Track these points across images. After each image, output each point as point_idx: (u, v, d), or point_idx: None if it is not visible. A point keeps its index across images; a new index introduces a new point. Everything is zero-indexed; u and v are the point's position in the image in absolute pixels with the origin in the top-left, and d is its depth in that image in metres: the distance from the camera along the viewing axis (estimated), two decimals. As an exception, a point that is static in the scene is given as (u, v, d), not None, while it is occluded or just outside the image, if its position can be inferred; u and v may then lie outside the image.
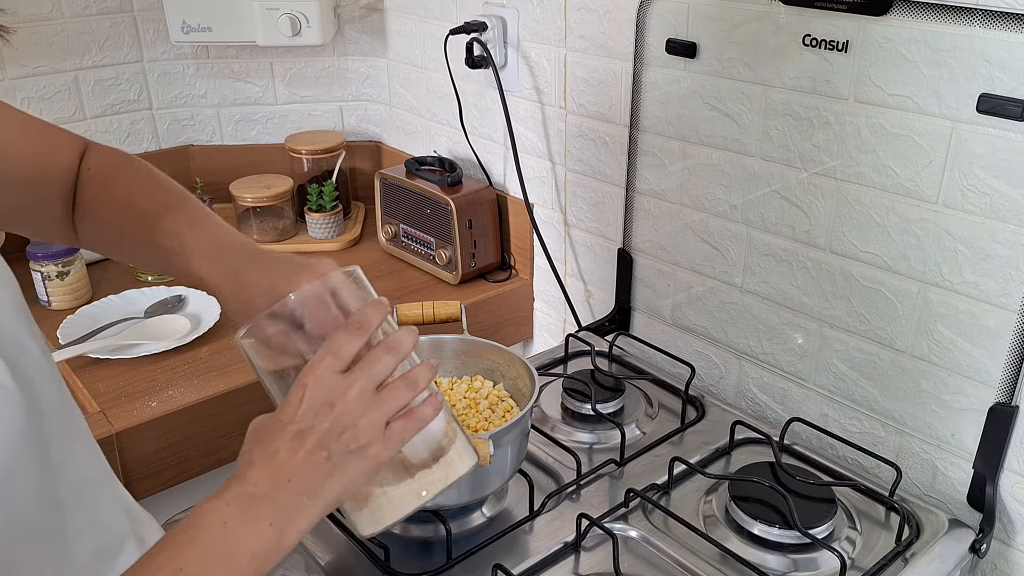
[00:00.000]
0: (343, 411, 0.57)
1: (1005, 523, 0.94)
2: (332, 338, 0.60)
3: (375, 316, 0.62)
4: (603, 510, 0.93)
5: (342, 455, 0.57)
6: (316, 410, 0.57)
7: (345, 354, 0.59)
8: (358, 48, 1.75)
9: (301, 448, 0.57)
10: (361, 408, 0.58)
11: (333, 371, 0.59)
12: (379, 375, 0.60)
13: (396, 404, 0.60)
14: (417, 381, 0.61)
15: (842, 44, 0.94)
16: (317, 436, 0.57)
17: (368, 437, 0.58)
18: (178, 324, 1.34)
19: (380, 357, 0.60)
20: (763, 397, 1.16)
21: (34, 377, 0.60)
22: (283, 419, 0.58)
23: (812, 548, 0.87)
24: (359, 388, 0.58)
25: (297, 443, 0.57)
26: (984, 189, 0.86)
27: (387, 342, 0.61)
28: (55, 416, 0.63)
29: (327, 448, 0.57)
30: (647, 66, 1.16)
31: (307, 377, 0.58)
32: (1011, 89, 0.82)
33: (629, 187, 1.25)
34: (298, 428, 0.57)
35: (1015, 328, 0.87)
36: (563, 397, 1.12)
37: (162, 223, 0.75)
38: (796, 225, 1.05)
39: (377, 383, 0.59)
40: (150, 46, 1.68)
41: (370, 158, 1.84)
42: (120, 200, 0.79)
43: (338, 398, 0.58)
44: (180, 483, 1.18)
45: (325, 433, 0.57)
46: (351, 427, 0.57)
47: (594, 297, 1.40)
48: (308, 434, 0.57)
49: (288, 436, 0.57)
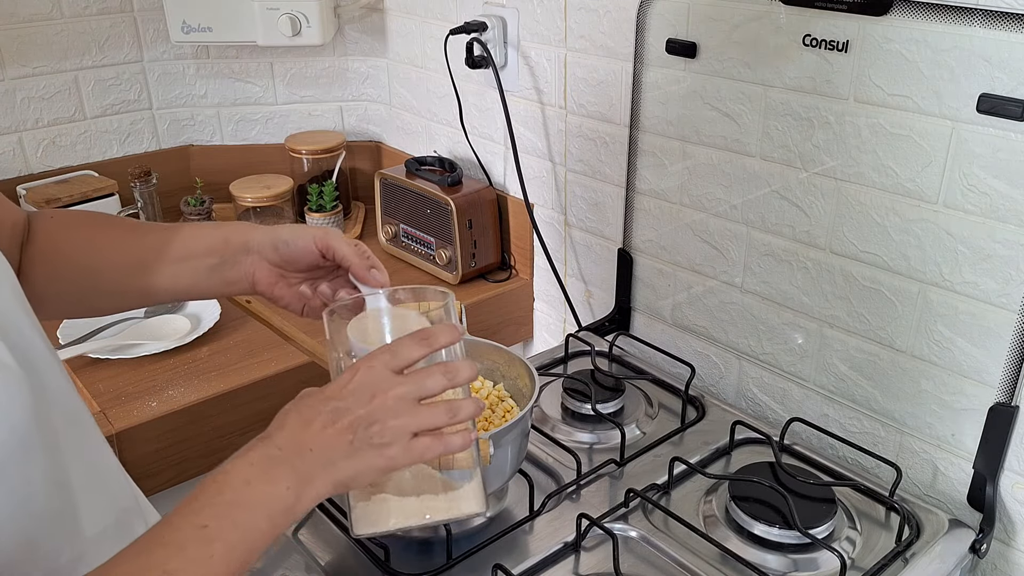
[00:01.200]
0: (380, 405, 0.60)
1: (1005, 523, 0.94)
2: (399, 340, 0.64)
3: (444, 337, 0.65)
4: (603, 510, 0.93)
5: (364, 444, 0.60)
6: (358, 395, 0.61)
7: (404, 356, 0.63)
8: (358, 48, 1.75)
9: (332, 425, 0.60)
10: (397, 410, 0.61)
11: (387, 367, 0.62)
12: (427, 389, 0.62)
13: (430, 421, 0.62)
14: (459, 411, 0.63)
15: (842, 44, 0.94)
16: (350, 419, 0.60)
17: (392, 438, 0.61)
18: (178, 324, 1.34)
19: (434, 374, 0.63)
20: (763, 397, 1.16)
21: (39, 364, 0.61)
22: (328, 393, 0.61)
23: (812, 548, 0.87)
24: (403, 391, 0.61)
25: (330, 418, 0.60)
26: (984, 189, 0.86)
27: (447, 365, 0.64)
28: (61, 404, 0.64)
29: (353, 432, 0.60)
30: (647, 66, 1.16)
31: (363, 363, 0.62)
32: (1011, 89, 0.82)
33: (629, 187, 1.25)
34: (336, 406, 0.60)
35: (1015, 328, 0.87)
36: (563, 397, 1.12)
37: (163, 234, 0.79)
38: (796, 225, 1.05)
39: (422, 396, 0.62)
40: (150, 46, 1.68)
41: (370, 158, 1.84)
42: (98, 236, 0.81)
43: (381, 392, 0.61)
44: (180, 483, 1.18)
45: (358, 419, 0.60)
46: (380, 422, 0.60)
47: (594, 297, 1.40)
48: (343, 413, 0.60)
49: (327, 410, 0.60)
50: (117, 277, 0.80)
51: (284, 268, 0.78)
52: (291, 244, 0.76)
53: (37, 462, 0.58)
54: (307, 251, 0.76)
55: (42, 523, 0.59)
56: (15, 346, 0.57)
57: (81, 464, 0.64)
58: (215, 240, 0.78)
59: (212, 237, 0.79)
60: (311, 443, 0.59)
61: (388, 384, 0.61)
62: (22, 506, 0.57)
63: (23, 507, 0.57)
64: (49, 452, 0.59)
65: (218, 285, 0.80)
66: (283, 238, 0.76)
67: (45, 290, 0.78)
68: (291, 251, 0.76)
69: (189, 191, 1.71)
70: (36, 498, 0.58)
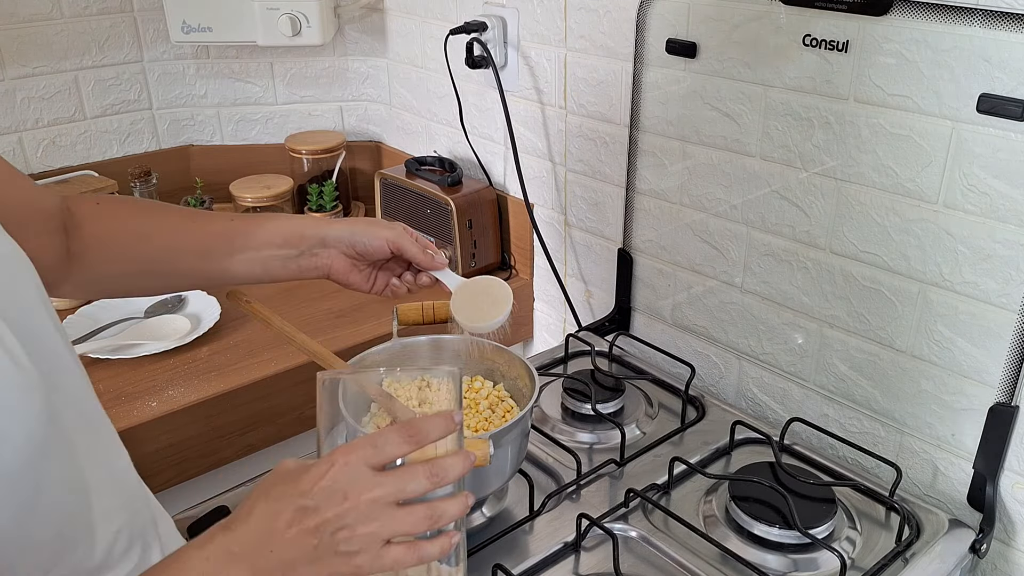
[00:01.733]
0: (351, 508, 0.55)
1: (1005, 523, 0.94)
2: (384, 432, 0.58)
3: (435, 431, 0.59)
4: (603, 510, 0.93)
5: (329, 550, 0.55)
6: (329, 494, 0.55)
7: (386, 453, 0.57)
8: (358, 48, 1.75)
9: (298, 524, 0.55)
10: (370, 515, 0.56)
11: (366, 463, 0.57)
12: (407, 493, 0.57)
13: (407, 529, 0.57)
14: (441, 517, 0.58)
15: (842, 44, 0.94)
16: (317, 520, 0.55)
17: (361, 546, 0.56)
18: (178, 324, 1.34)
19: (418, 476, 0.58)
20: (763, 397, 1.16)
21: (55, 363, 0.61)
22: (299, 486, 0.56)
23: (812, 548, 0.87)
24: (379, 495, 0.56)
25: (296, 517, 0.55)
26: (984, 189, 0.86)
27: (435, 465, 0.58)
28: (78, 406, 0.64)
29: (319, 536, 0.55)
30: (647, 66, 1.16)
31: (339, 456, 0.57)
32: (1011, 89, 0.82)
33: (629, 187, 1.25)
34: (304, 504, 0.55)
35: (1015, 328, 0.87)
36: (563, 397, 1.12)
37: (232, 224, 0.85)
38: (796, 225, 1.05)
39: (402, 499, 0.57)
40: (150, 46, 1.68)
41: (370, 158, 1.84)
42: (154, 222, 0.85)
43: (354, 493, 0.55)
44: (180, 483, 1.18)
45: (325, 521, 0.55)
46: (349, 528, 0.55)
47: (594, 297, 1.40)
48: (311, 514, 0.55)
49: (294, 506, 0.55)
50: (180, 261, 0.85)
51: (357, 260, 0.88)
52: (368, 244, 0.86)
53: (53, 466, 0.57)
54: (381, 249, 0.87)
55: (56, 526, 0.59)
56: (34, 349, 0.57)
57: (97, 467, 0.64)
58: (291, 233, 0.85)
59: (287, 230, 0.85)
60: (273, 543, 0.55)
61: (363, 485, 0.56)
62: (36, 510, 0.56)
63: (38, 511, 0.56)
64: (65, 455, 0.59)
65: (292, 272, 0.87)
66: (360, 238, 0.86)
67: (100, 272, 0.82)
68: (367, 248, 0.86)
69: (189, 191, 1.71)
70: (51, 502, 0.58)
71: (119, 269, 0.84)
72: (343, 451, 0.57)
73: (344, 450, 0.57)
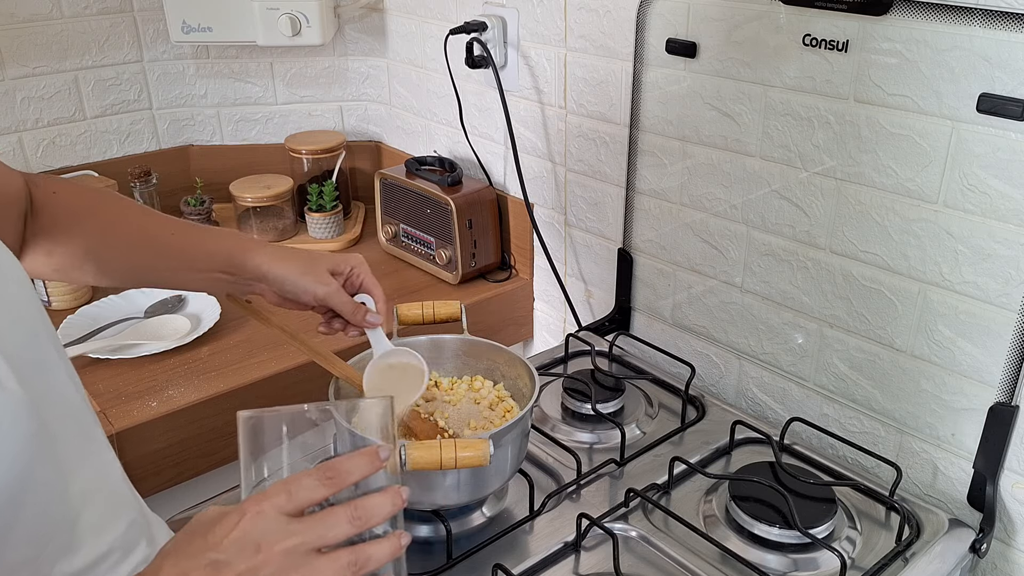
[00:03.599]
0: (265, 562, 0.51)
1: (1005, 523, 0.94)
2: (298, 476, 0.54)
3: (357, 471, 0.55)
4: (603, 510, 0.93)
5: None
6: (241, 547, 0.52)
7: (301, 499, 0.54)
8: (358, 48, 1.75)
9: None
10: (287, 566, 0.52)
11: (279, 511, 0.53)
12: (327, 540, 0.53)
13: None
14: (367, 563, 0.53)
15: (842, 44, 0.94)
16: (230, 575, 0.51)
17: None
18: (178, 324, 1.34)
19: (337, 522, 0.53)
20: (763, 397, 1.16)
21: (47, 380, 0.60)
22: (209, 540, 0.52)
23: (812, 548, 0.87)
24: (293, 544, 0.52)
25: (208, 574, 0.51)
26: (984, 189, 0.86)
27: (357, 507, 0.54)
28: (68, 419, 0.63)
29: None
30: (647, 66, 1.16)
31: (250, 505, 0.53)
32: (1011, 89, 0.82)
33: (629, 187, 1.25)
34: (215, 558, 0.52)
35: (1015, 328, 0.87)
36: (563, 397, 1.12)
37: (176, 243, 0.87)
38: (796, 225, 1.05)
39: (319, 547, 0.53)
40: (150, 46, 1.68)
41: (370, 158, 1.84)
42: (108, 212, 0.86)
43: (267, 545, 0.52)
44: (180, 483, 1.18)
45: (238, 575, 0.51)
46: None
47: (594, 297, 1.40)
48: (222, 569, 0.51)
49: (204, 562, 0.52)
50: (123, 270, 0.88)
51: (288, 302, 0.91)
52: (296, 295, 0.89)
53: (33, 487, 0.56)
54: (307, 304, 0.90)
55: (34, 545, 0.58)
56: (20, 365, 0.56)
57: (88, 479, 0.63)
58: (229, 263, 0.87)
59: (225, 259, 0.87)
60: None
61: (277, 535, 0.52)
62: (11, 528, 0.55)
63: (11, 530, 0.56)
64: (49, 475, 0.58)
65: (234, 292, 0.91)
66: (290, 288, 0.88)
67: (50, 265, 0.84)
68: (296, 298, 0.89)
69: (189, 191, 1.71)
70: (28, 521, 0.57)
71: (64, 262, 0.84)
72: (255, 500, 0.53)
73: (256, 499, 0.53)
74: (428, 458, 0.79)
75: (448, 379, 1.01)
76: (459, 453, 0.79)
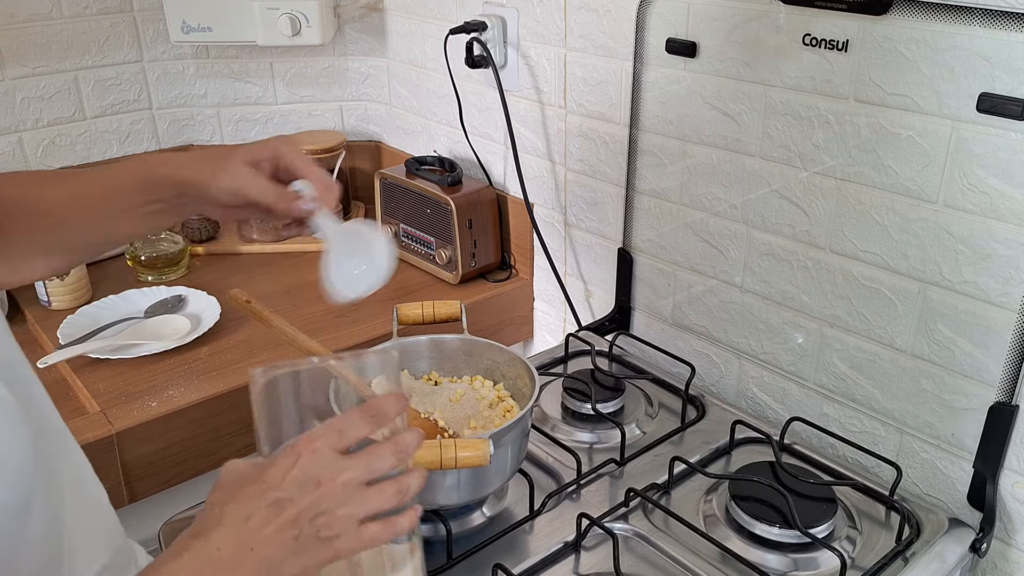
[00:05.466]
0: (327, 494, 0.55)
1: (1005, 522, 0.94)
2: (344, 416, 0.58)
3: (392, 410, 0.60)
4: (603, 510, 0.93)
5: (311, 539, 0.55)
6: (302, 484, 0.55)
7: (351, 436, 0.58)
8: (358, 48, 1.75)
9: (275, 519, 0.54)
10: (345, 497, 0.56)
11: (332, 448, 0.57)
12: (376, 472, 0.58)
13: (380, 506, 0.57)
14: (409, 490, 0.59)
15: (842, 44, 0.94)
16: (294, 511, 0.55)
17: (341, 529, 0.56)
18: (178, 324, 1.34)
19: (383, 455, 0.58)
20: (763, 396, 1.16)
21: (30, 392, 0.59)
22: (267, 481, 0.56)
23: (812, 548, 0.87)
24: (351, 476, 0.56)
25: (272, 512, 0.54)
26: (984, 189, 0.86)
27: (397, 442, 0.59)
28: (54, 433, 0.63)
29: (299, 527, 0.55)
30: (647, 66, 1.16)
31: (304, 447, 0.56)
32: (1011, 88, 0.82)
33: (629, 187, 1.25)
34: (278, 496, 0.55)
35: (1015, 328, 0.87)
36: (563, 397, 1.12)
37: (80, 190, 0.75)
38: (796, 225, 1.05)
39: (371, 478, 0.58)
40: (150, 46, 1.68)
41: (370, 158, 1.84)
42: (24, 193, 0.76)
43: (328, 479, 0.56)
44: (180, 483, 1.18)
45: (303, 511, 0.55)
46: (328, 513, 0.55)
47: (594, 297, 1.40)
48: (286, 506, 0.55)
49: (266, 502, 0.55)
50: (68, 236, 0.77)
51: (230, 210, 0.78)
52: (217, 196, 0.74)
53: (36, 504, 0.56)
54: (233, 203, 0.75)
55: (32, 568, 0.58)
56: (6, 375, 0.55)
57: (80, 504, 0.63)
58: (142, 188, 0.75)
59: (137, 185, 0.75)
60: (252, 542, 0.53)
61: (334, 469, 0.56)
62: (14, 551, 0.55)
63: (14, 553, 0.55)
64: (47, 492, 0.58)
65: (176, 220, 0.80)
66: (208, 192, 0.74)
67: None
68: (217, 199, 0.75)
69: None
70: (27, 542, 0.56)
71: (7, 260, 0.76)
72: (306, 441, 0.57)
73: (307, 440, 0.57)
74: (428, 458, 0.79)
75: (448, 379, 1.01)
76: (459, 453, 0.79)
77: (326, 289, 0.77)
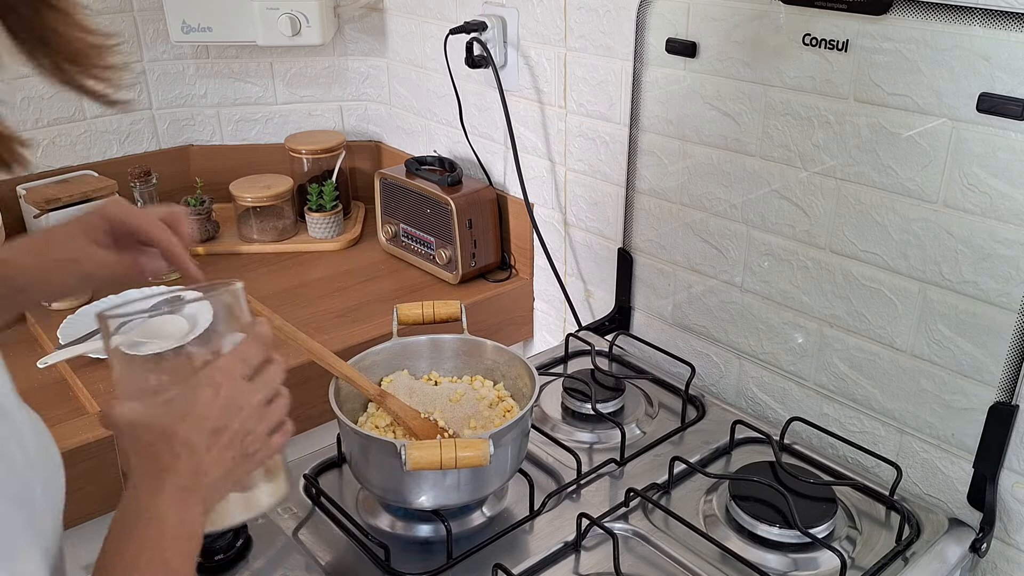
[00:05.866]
0: (248, 416, 0.62)
1: (1005, 522, 0.94)
2: (243, 347, 0.65)
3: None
4: (603, 510, 0.93)
5: (243, 456, 0.62)
6: (228, 411, 0.61)
7: (254, 363, 0.64)
8: (358, 48, 1.75)
9: (215, 445, 0.60)
10: (260, 415, 0.63)
11: (242, 376, 0.63)
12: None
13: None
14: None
15: (842, 44, 0.94)
16: (229, 435, 0.61)
17: (260, 443, 0.63)
18: (178, 324, 1.34)
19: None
20: (763, 396, 1.16)
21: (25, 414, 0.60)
22: (197, 415, 0.60)
23: (812, 547, 0.87)
24: (262, 397, 0.63)
25: (213, 439, 0.60)
26: (984, 189, 0.86)
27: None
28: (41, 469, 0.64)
29: (235, 448, 0.61)
30: (647, 66, 1.16)
31: (221, 377, 0.62)
32: (1011, 88, 0.82)
33: (629, 187, 1.25)
34: (214, 426, 0.60)
35: (1015, 327, 0.87)
36: (563, 397, 1.12)
37: None
38: (796, 225, 1.05)
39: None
40: (150, 46, 1.68)
41: (370, 158, 1.84)
42: None
43: (247, 403, 0.62)
44: (180, 483, 1.18)
45: (235, 434, 0.61)
46: (252, 432, 0.62)
47: (594, 297, 1.40)
48: (223, 433, 0.61)
49: (206, 432, 0.60)
50: None
51: None
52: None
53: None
54: None
55: None
56: None
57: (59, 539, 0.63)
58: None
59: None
60: (204, 467, 0.60)
61: (249, 393, 0.63)
62: None
63: None
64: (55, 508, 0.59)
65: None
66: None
67: None
68: None
69: (189, 191, 1.70)
70: None
71: None
72: (221, 372, 0.63)
73: (219, 371, 0.63)
74: (428, 458, 0.79)
75: (448, 379, 1.01)
76: (459, 453, 0.79)
77: None
